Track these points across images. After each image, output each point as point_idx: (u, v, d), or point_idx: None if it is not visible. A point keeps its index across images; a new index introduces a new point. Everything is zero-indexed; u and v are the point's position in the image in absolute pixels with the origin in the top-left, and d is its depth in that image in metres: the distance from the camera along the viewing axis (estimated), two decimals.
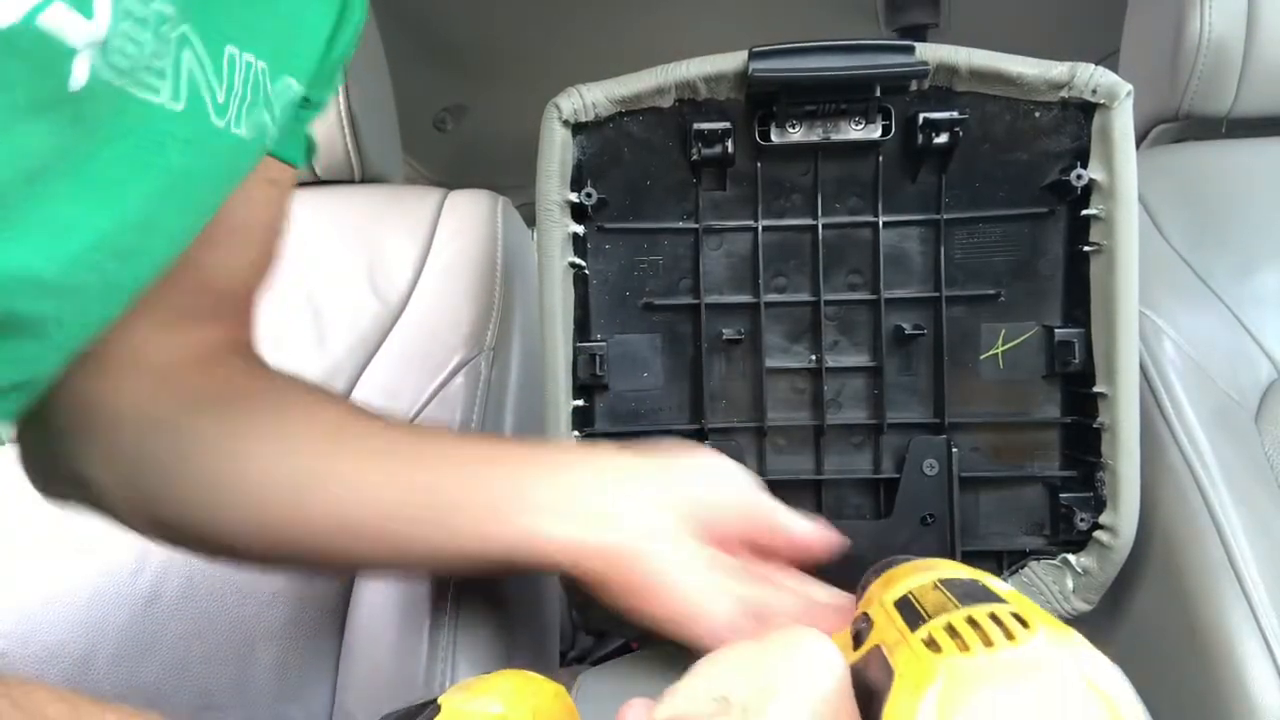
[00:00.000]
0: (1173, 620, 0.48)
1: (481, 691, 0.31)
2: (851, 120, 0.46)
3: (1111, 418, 0.45)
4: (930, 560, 0.34)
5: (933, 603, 0.29)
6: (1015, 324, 0.48)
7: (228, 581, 0.57)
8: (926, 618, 0.27)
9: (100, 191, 0.28)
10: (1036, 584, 0.49)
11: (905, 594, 0.30)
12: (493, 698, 0.31)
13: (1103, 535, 0.47)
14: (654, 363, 0.50)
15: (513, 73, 1.31)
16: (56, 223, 0.27)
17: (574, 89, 0.46)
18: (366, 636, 0.54)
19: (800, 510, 0.50)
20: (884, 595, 0.31)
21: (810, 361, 0.49)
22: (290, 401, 0.42)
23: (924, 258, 0.48)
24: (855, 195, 0.48)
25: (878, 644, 0.28)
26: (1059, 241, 0.48)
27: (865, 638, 0.30)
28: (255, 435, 0.40)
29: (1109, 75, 0.44)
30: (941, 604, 0.28)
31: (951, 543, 0.48)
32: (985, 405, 0.49)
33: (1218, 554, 0.47)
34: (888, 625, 0.29)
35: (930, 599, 0.29)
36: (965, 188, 0.47)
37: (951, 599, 0.28)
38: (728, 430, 0.50)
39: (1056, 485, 0.49)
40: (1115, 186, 0.44)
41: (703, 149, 0.46)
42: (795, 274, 0.49)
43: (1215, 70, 0.64)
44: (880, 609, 0.30)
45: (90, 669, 0.55)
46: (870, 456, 0.50)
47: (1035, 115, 0.46)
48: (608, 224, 0.49)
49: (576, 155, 0.47)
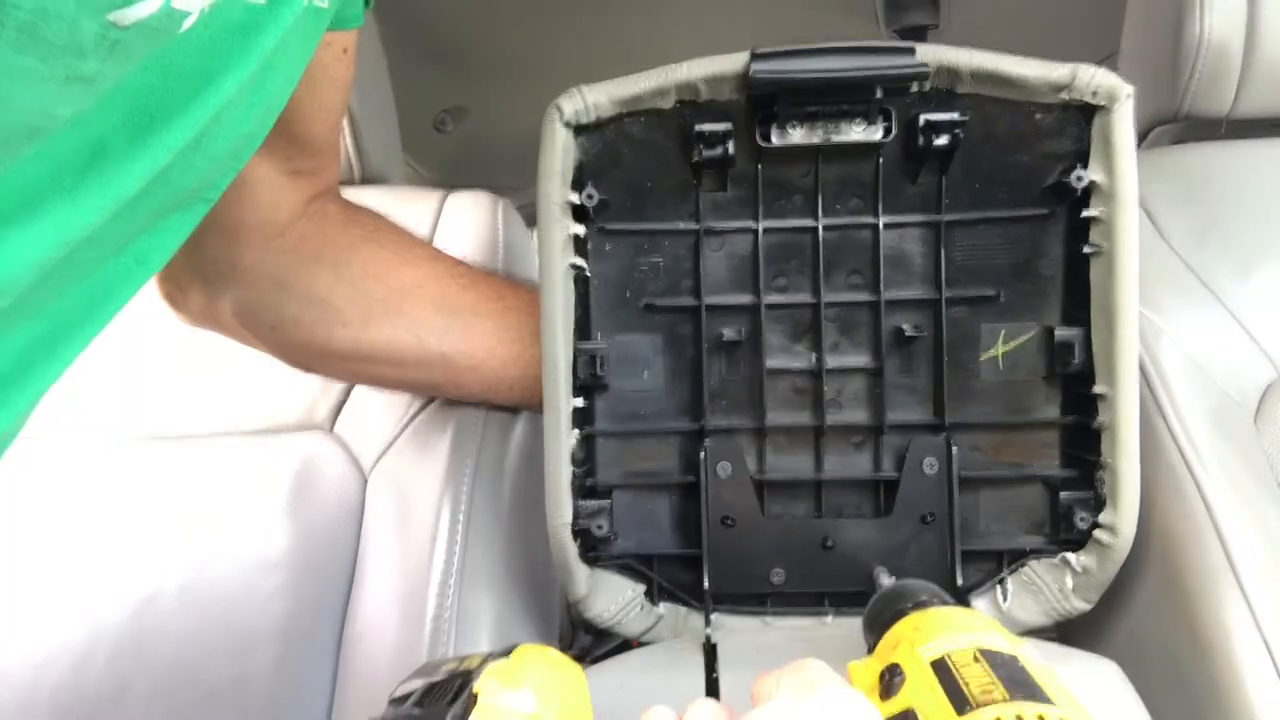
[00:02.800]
0: (1172, 620, 0.49)
1: (512, 681, 0.31)
2: (852, 122, 0.46)
3: (1111, 418, 0.46)
4: (960, 612, 0.33)
5: (977, 682, 0.28)
6: (1015, 325, 0.49)
7: (227, 581, 0.57)
8: (971, 701, 0.27)
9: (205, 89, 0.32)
10: (1036, 583, 0.49)
11: (943, 657, 0.30)
12: (525, 690, 0.30)
13: (1102, 534, 0.47)
14: (654, 363, 0.50)
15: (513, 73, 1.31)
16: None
17: (576, 90, 0.46)
18: (366, 636, 0.54)
19: (800, 510, 0.50)
20: (917, 648, 0.31)
21: (810, 362, 0.49)
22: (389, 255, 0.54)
23: (924, 259, 0.49)
24: (856, 196, 0.48)
25: (913, 708, 0.28)
26: (1059, 243, 0.48)
27: (896, 692, 0.29)
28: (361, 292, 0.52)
29: (1110, 77, 0.44)
30: (986, 688, 0.28)
31: (951, 542, 0.48)
32: (985, 406, 0.49)
33: (1217, 554, 0.47)
34: (925, 690, 0.28)
35: (973, 675, 0.28)
36: (966, 189, 0.48)
37: (998, 683, 0.28)
38: (728, 430, 0.50)
39: (1056, 485, 0.49)
40: (1116, 188, 0.44)
41: (703, 150, 0.46)
42: (796, 275, 0.49)
43: (1215, 71, 0.64)
44: (915, 665, 0.30)
45: (89, 668, 0.55)
46: (870, 456, 0.50)
47: (1036, 117, 0.46)
48: (608, 225, 0.49)
49: (578, 156, 0.47)
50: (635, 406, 0.50)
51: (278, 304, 0.52)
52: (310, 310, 0.52)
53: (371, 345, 0.53)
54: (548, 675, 0.32)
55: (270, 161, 0.48)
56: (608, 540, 0.50)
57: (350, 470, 0.61)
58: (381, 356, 0.54)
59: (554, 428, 0.47)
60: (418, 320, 0.53)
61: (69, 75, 0.25)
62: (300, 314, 0.52)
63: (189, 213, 0.37)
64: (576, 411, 0.48)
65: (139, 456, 0.62)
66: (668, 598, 0.51)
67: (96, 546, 0.59)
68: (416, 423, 0.62)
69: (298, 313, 0.52)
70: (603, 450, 0.51)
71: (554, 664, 0.33)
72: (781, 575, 0.50)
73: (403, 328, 0.53)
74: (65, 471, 0.62)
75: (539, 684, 0.31)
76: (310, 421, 0.64)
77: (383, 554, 0.57)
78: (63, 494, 0.61)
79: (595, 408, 0.50)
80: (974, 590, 0.50)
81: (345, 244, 0.53)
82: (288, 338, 0.54)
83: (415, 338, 0.53)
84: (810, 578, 0.50)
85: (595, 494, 0.50)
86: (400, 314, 0.53)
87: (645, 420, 0.51)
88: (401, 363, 0.54)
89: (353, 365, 0.55)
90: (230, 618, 0.56)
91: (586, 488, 0.50)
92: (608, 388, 0.50)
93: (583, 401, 0.49)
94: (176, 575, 0.58)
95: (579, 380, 0.48)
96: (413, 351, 0.54)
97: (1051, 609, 0.49)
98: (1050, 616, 0.49)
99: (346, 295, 0.52)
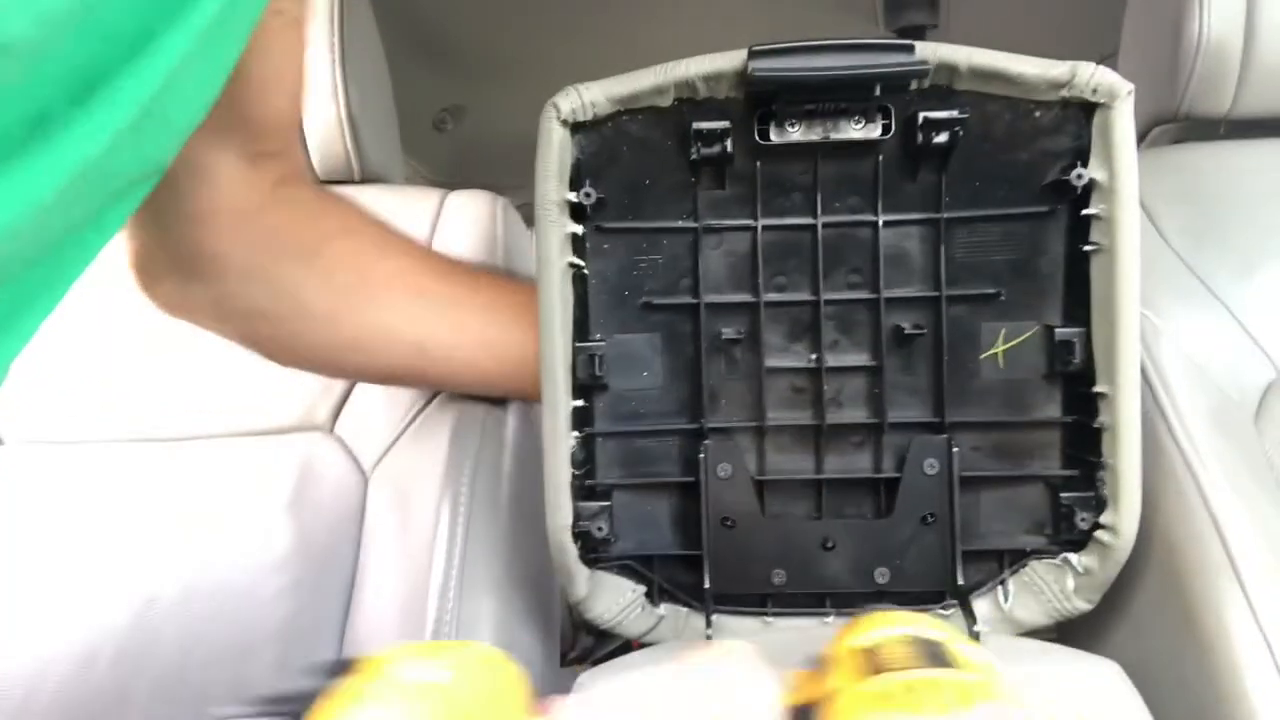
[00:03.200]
0: (1173, 620, 0.48)
1: (428, 656, 0.30)
2: (851, 119, 0.46)
3: (1112, 417, 0.45)
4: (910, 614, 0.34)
5: (895, 658, 0.29)
6: (1015, 323, 0.48)
7: (228, 582, 0.57)
8: (883, 670, 0.28)
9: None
10: (1037, 583, 0.49)
11: (875, 643, 0.31)
12: (442, 665, 0.30)
13: (1103, 535, 0.47)
14: (653, 362, 0.50)
15: (513, 73, 1.31)
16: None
17: (573, 88, 0.46)
18: (366, 637, 0.54)
19: (800, 511, 0.50)
20: (851, 639, 0.32)
21: (810, 361, 0.49)
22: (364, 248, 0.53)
23: (924, 257, 0.48)
24: (855, 194, 0.48)
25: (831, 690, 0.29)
26: (1059, 241, 0.47)
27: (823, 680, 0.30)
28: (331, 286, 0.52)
29: (1110, 74, 0.44)
30: (903, 661, 0.29)
31: (952, 543, 0.48)
32: (986, 405, 0.49)
33: (1218, 554, 0.47)
34: (847, 670, 0.29)
35: (895, 654, 0.29)
36: (965, 187, 0.47)
37: (918, 657, 0.29)
38: (727, 430, 0.50)
39: (1057, 485, 0.49)
40: (1116, 186, 0.44)
41: (702, 148, 0.46)
42: (795, 273, 0.49)
43: (1214, 71, 0.64)
44: (844, 653, 0.31)
45: (91, 669, 0.55)
46: (870, 456, 0.50)
47: (1035, 114, 0.46)
48: (607, 224, 0.49)
49: (575, 155, 0.47)
50: (634, 406, 0.50)
51: (248, 295, 0.51)
52: (281, 303, 0.52)
53: (343, 337, 0.53)
54: (472, 659, 0.31)
55: (229, 144, 0.47)
56: (608, 542, 0.50)
57: (351, 471, 0.61)
58: (355, 347, 0.54)
59: (553, 430, 0.47)
60: (391, 310, 0.53)
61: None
62: (270, 306, 0.52)
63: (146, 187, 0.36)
64: (575, 412, 0.48)
65: (140, 458, 0.62)
66: (668, 599, 0.51)
67: (98, 549, 0.59)
68: (417, 423, 0.62)
69: (267, 305, 0.52)
70: (602, 451, 0.51)
71: (486, 655, 0.32)
72: (782, 576, 0.49)
73: (374, 319, 0.53)
74: (66, 474, 0.62)
75: (460, 663, 0.30)
76: (311, 422, 0.64)
77: (384, 556, 0.57)
78: (64, 496, 0.61)
79: (594, 408, 0.50)
80: (975, 591, 0.50)
81: (316, 236, 0.52)
82: (258, 330, 0.53)
83: (387, 329, 0.53)
84: (811, 578, 0.50)
85: (595, 495, 0.50)
86: (371, 305, 0.53)
87: (644, 420, 0.50)
88: (374, 352, 0.55)
89: (327, 356, 0.55)
90: (231, 620, 0.56)
91: (586, 489, 0.50)
92: (607, 388, 0.50)
93: (582, 402, 0.48)
94: (177, 577, 0.57)
95: (578, 380, 0.48)
96: (385, 341, 0.54)
97: (1053, 609, 0.49)
98: (1051, 617, 0.49)
99: (316, 288, 0.52)
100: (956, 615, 0.49)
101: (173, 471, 0.61)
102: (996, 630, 0.49)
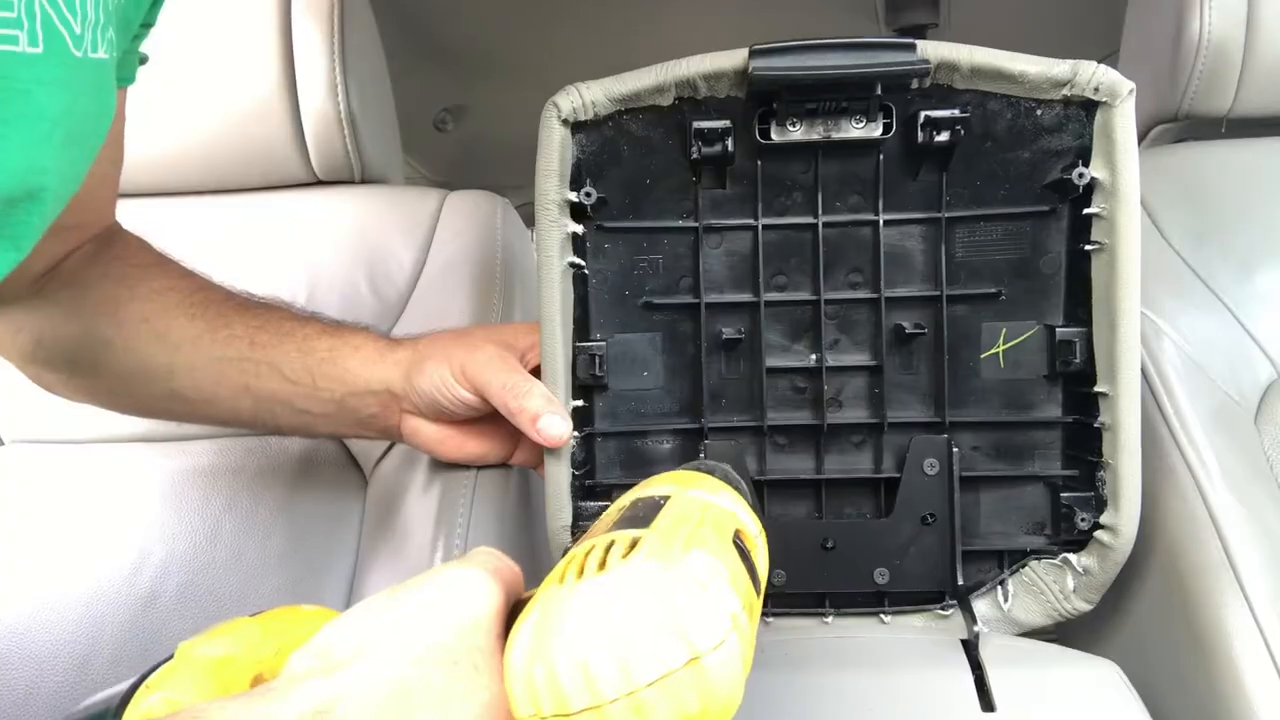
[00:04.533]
0: (1173, 620, 0.48)
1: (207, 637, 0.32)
2: (852, 118, 0.46)
3: (1113, 417, 0.45)
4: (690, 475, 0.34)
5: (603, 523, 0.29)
6: (1016, 323, 0.48)
7: (227, 581, 0.57)
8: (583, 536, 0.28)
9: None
10: (1037, 583, 0.49)
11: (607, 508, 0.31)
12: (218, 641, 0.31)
13: (1104, 535, 0.47)
14: (654, 362, 0.50)
15: (513, 73, 1.31)
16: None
17: (573, 87, 0.46)
18: None
19: (801, 511, 0.50)
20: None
21: (810, 360, 0.49)
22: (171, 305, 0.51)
23: (925, 256, 0.48)
24: (856, 193, 0.48)
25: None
26: (1060, 240, 0.47)
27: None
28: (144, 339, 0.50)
29: (1111, 73, 0.44)
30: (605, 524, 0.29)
31: (952, 543, 0.48)
32: (986, 404, 0.49)
33: (1218, 554, 0.47)
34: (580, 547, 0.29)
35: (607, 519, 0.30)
36: (966, 186, 0.47)
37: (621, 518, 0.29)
38: (728, 430, 0.50)
39: (1057, 485, 0.49)
40: (1117, 185, 0.44)
41: (703, 147, 0.46)
42: (796, 273, 0.49)
43: (1215, 70, 0.64)
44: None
45: (89, 669, 0.55)
46: (871, 456, 0.50)
47: (1037, 113, 0.46)
48: (607, 223, 0.49)
49: (575, 154, 0.47)
50: (635, 406, 0.50)
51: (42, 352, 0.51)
52: (60, 363, 0.51)
53: (110, 391, 0.53)
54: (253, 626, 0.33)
55: None
56: None
57: (351, 473, 0.61)
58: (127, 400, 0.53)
59: None
60: (141, 356, 0.51)
61: None
62: (59, 363, 0.51)
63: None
64: (576, 412, 0.48)
65: (139, 458, 0.62)
66: None
67: (97, 548, 0.59)
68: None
69: (56, 362, 0.51)
70: (602, 451, 0.50)
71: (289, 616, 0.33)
72: (782, 576, 0.49)
73: (132, 365, 0.51)
74: (66, 473, 0.62)
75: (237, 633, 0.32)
76: None
77: (383, 557, 0.57)
78: (64, 496, 0.61)
79: (595, 408, 0.50)
80: (975, 591, 0.50)
81: (84, 285, 0.51)
82: (59, 385, 0.53)
83: (144, 372, 0.51)
84: (810, 578, 0.49)
85: (595, 495, 0.50)
86: (127, 352, 0.51)
87: (645, 420, 0.50)
88: (141, 406, 0.54)
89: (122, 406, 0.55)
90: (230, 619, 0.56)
91: (586, 489, 0.50)
92: (607, 388, 0.50)
93: (582, 402, 0.48)
94: (176, 577, 0.57)
95: (578, 380, 0.48)
96: (143, 392, 0.52)
97: (1053, 609, 0.49)
98: (1051, 617, 0.49)
99: (76, 341, 0.50)
100: (956, 615, 0.49)
101: (173, 472, 0.61)
102: (996, 630, 0.49)
